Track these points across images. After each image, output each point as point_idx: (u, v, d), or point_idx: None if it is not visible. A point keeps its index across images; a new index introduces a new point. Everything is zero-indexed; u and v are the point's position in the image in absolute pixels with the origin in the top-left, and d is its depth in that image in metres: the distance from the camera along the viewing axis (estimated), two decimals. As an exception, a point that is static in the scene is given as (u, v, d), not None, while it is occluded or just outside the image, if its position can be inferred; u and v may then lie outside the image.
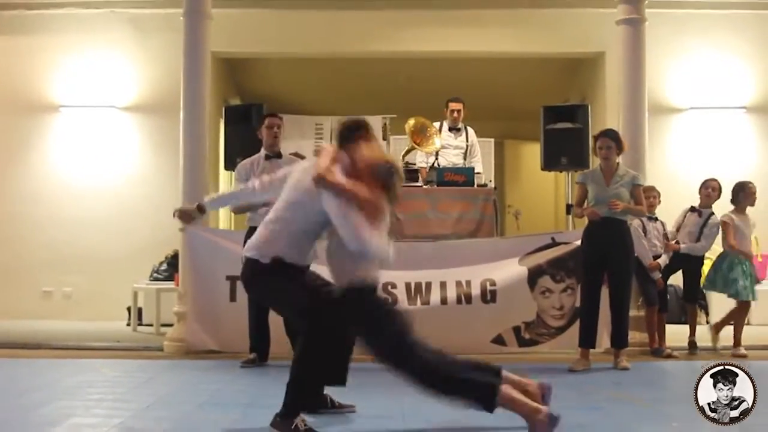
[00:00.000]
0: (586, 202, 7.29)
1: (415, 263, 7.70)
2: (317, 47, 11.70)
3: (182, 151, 8.47)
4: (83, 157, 11.44)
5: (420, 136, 9.11)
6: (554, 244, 8.09)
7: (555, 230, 9.83)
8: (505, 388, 4.20)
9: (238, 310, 7.79)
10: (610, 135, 7.27)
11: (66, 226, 11.30)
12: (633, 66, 8.57)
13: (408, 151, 9.38)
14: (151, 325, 9.86)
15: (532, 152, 12.30)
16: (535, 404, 4.20)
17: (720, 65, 11.59)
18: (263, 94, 12.89)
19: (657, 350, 8.07)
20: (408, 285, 7.84)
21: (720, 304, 10.33)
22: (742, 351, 7.99)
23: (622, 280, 7.17)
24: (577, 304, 7.88)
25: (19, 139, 11.51)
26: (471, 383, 4.22)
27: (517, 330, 7.93)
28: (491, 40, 11.61)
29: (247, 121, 9.45)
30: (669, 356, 7.98)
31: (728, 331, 8.26)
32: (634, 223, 7.79)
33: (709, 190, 8.38)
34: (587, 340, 7.25)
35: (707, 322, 9.86)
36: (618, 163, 7.30)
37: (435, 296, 7.73)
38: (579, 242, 7.86)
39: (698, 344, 8.30)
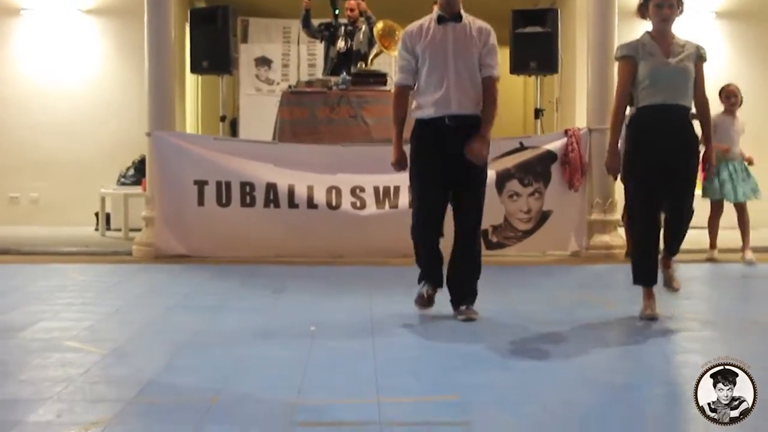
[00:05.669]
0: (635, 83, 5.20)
1: (384, 167, 7.64)
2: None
3: (147, 54, 8.31)
4: (47, 60, 11.22)
5: (388, 40, 9.06)
6: (522, 148, 8.10)
7: (523, 135, 9.83)
8: None
9: (207, 214, 7.83)
10: None
11: (31, 130, 11.15)
12: (603, -32, 8.43)
13: (376, 55, 9.33)
14: (119, 230, 9.84)
15: (501, 56, 12.16)
16: None
17: (691, -32, 11.49)
18: (229, -4, 12.63)
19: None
20: (376, 189, 7.89)
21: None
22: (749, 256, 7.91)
23: (687, 190, 5.20)
24: (545, 207, 7.97)
25: (-20, 43, 11.27)
26: None
27: (484, 233, 7.93)
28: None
29: (213, 23, 9.24)
30: None
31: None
32: None
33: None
34: (648, 276, 5.24)
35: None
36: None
37: (403, 200, 7.74)
38: (547, 147, 7.92)
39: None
